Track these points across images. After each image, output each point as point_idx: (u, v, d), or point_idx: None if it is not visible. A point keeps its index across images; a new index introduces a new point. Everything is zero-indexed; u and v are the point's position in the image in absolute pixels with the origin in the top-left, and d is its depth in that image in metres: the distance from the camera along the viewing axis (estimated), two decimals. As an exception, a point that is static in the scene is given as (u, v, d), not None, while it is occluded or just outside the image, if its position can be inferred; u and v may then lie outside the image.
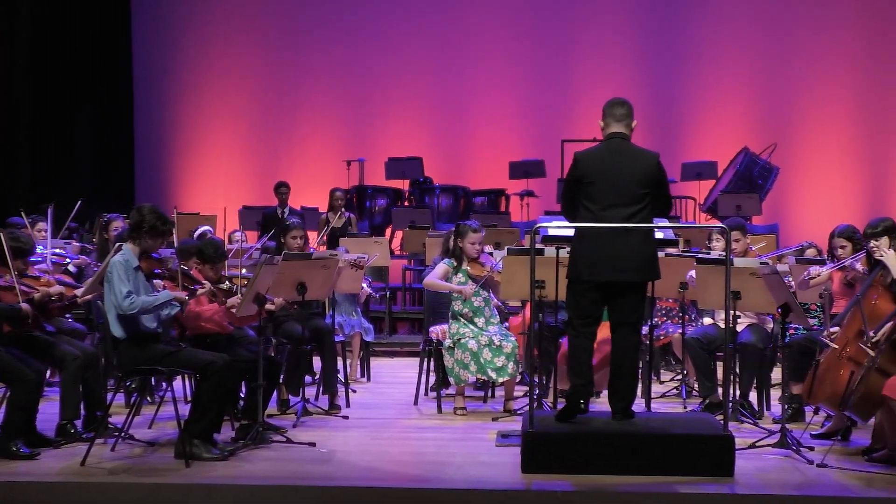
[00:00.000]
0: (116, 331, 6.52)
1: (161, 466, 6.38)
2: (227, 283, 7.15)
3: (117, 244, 6.99)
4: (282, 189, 13.65)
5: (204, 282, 6.97)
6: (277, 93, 16.22)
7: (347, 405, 8.38)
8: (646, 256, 6.43)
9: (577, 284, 6.50)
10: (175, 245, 8.09)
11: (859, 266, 7.29)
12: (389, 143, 15.54)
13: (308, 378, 8.78)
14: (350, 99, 16.15)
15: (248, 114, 16.29)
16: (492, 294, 8.28)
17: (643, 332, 8.38)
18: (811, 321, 7.93)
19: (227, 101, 16.28)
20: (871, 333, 6.44)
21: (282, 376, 7.78)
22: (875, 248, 6.91)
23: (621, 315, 6.48)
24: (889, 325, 6.46)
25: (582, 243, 6.45)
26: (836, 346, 6.78)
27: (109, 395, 7.12)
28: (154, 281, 6.70)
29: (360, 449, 6.99)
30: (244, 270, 7.80)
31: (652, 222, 6.52)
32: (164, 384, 8.09)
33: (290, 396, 8.13)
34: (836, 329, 6.97)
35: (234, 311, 7.06)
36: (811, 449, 6.75)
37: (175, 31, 16.33)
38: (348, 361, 9.51)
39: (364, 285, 9.40)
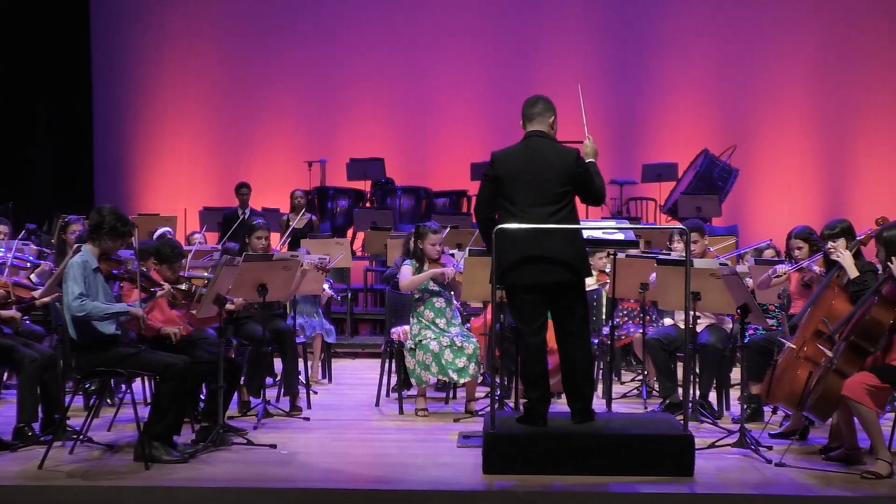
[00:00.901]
0: (74, 333, 6.46)
1: (120, 469, 6.33)
2: (185, 283, 7.10)
3: (76, 245, 6.92)
4: (243, 190, 13.60)
5: (163, 283, 6.91)
6: (239, 93, 16.15)
7: (309, 407, 8.36)
8: (572, 255, 6.34)
9: (509, 289, 6.44)
10: (134, 246, 8.03)
11: (816, 268, 7.36)
12: (351, 144, 15.53)
13: (269, 380, 8.75)
14: (312, 100, 16.11)
15: (209, 114, 16.21)
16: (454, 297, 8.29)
17: (604, 333, 8.45)
18: (769, 321, 8.00)
19: (188, 101, 16.19)
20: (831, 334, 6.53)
21: (242, 378, 7.74)
22: (832, 249, 6.98)
23: (562, 317, 6.43)
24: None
25: (506, 245, 6.33)
26: (795, 346, 6.84)
27: (68, 398, 7.06)
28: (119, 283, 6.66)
29: (321, 450, 6.97)
30: (205, 272, 7.75)
31: (576, 220, 6.44)
32: (123, 386, 8.03)
33: (250, 398, 8.10)
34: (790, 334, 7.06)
35: (193, 312, 7.02)
36: (770, 448, 6.80)
37: (135, 29, 16.22)
38: (309, 363, 9.48)
39: (325, 287, 9.38)
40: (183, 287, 7.06)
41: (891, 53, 15.65)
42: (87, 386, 7.75)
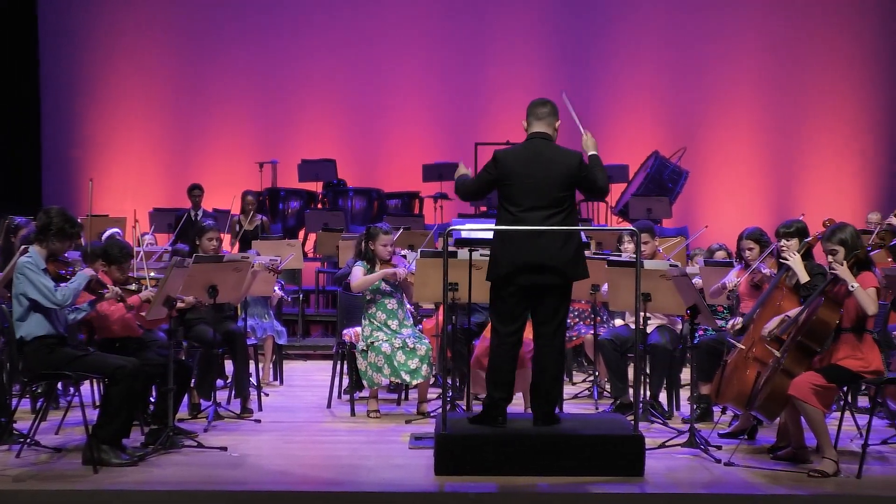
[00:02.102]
0: (23, 332, 6.38)
1: (68, 473, 6.26)
2: (134, 284, 7.04)
3: (23, 247, 6.84)
4: (195, 191, 13.52)
5: (111, 285, 6.84)
6: (189, 93, 16.03)
7: (260, 409, 8.32)
8: (568, 258, 6.39)
9: (500, 287, 6.46)
10: (83, 248, 7.95)
11: (766, 269, 7.44)
12: (302, 145, 15.47)
13: (220, 382, 8.70)
14: (263, 100, 16.03)
15: (159, 114, 16.08)
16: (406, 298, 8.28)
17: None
18: (719, 322, 8.07)
19: (137, 101, 16.05)
20: (767, 327, 6.63)
21: (193, 380, 7.69)
22: (784, 249, 7.06)
23: (544, 318, 6.46)
24: (779, 318, 6.64)
25: (503, 245, 6.41)
26: (743, 347, 6.91)
27: (14, 401, 6.98)
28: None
29: (272, 453, 6.94)
30: (153, 273, 7.69)
31: (574, 224, 6.50)
32: (71, 389, 7.95)
33: (201, 400, 8.04)
34: (738, 320, 7.14)
35: (143, 314, 6.96)
36: (719, 448, 6.86)
37: (83, 28, 16.05)
38: (261, 365, 9.42)
39: (276, 288, 9.34)
40: (132, 288, 7.00)
41: (836, 56, 15.86)
42: (34, 388, 7.65)
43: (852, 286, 6.26)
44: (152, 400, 7.26)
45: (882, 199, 15.28)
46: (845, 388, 6.91)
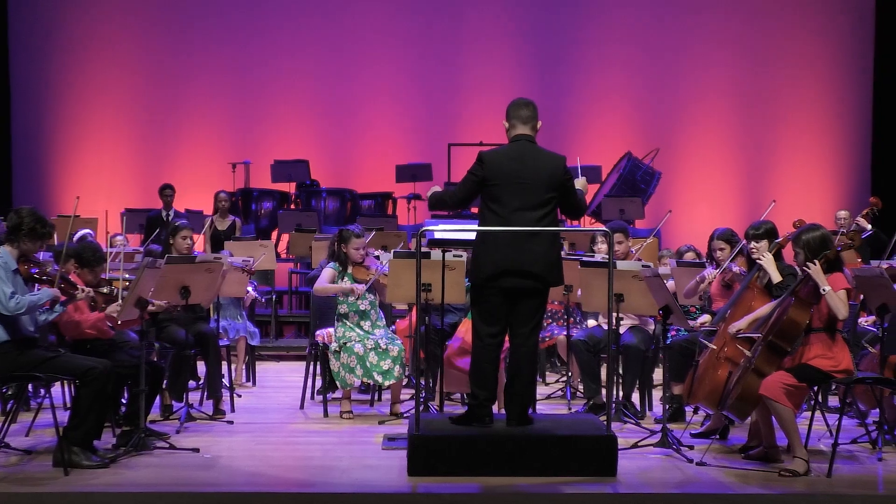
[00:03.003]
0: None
1: (39, 475, 6.21)
2: (106, 286, 7.00)
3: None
4: (167, 192, 13.47)
5: (83, 286, 6.81)
6: (161, 92, 15.95)
7: (232, 410, 8.30)
8: (550, 261, 6.42)
9: (482, 288, 6.45)
10: (55, 248, 7.91)
11: (736, 268, 7.48)
12: (275, 146, 15.43)
13: (192, 383, 8.66)
14: (236, 101, 15.98)
15: (132, 113, 15.99)
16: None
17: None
18: (691, 323, 8.11)
19: (109, 101, 15.96)
20: (735, 325, 6.67)
21: (165, 381, 7.66)
22: (755, 250, 7.10)
23: (522, 319, 6.46)
24: (748, 318, 6.70)
25: (486, 246, 6.40)
26: (715, 347, 6.95)
27: (-16, 403, 6.94)
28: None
29: (244, 454, 6.92)
30: (126, 274, 7.65)
31: (557, 226, 6.52)
32: (42, 391, 7.90)
33: (173, 402, 8.01)
34: (706, 317, 7.18)
35: (115, 315, 6.92)
36: (691, 448, 6.89)
37: (55, 27, 15.94)
38: (233, 366, 9.40)
39: (249, 289, 9.31)
40: (104, 290, 6.96)
41: (806, 58, 15.96)
42: (3, 390, 7.61)
43: (824, 289, 6.30)
44: (124, 401, 7.21)
45: (850, 198, 15.42)
46: (816, 388, 6.97)
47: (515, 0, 16.15)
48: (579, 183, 6.66)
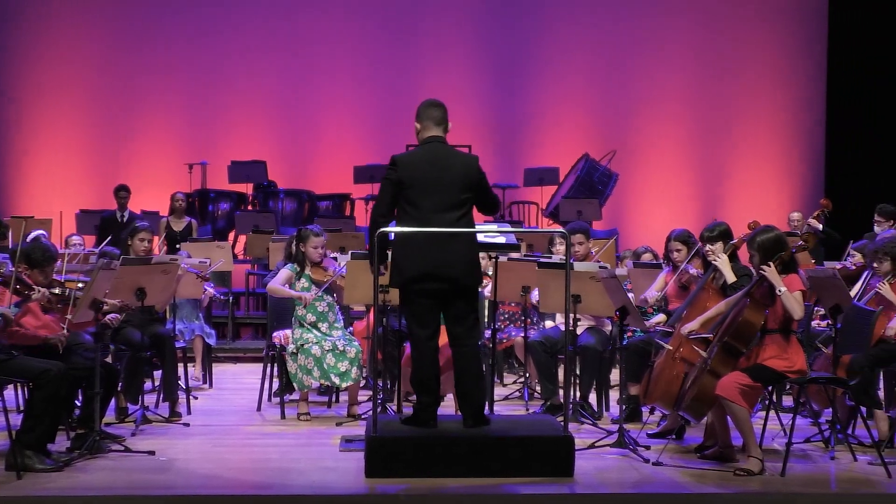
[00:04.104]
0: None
1: (-9, 479, 6.16)
2: (59, 287, 6.92)
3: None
4: (121, 193, 13.36)
5: (38, 288, 6.73)
6: (117, 91, 15.81)
7: (189, 412, 8.24)
8: (470, 261, 6.43)
9: (407, 292, 6.45)
10: (9, 249, 7.82)
11: (693, 269, 7.53)
12: (232, 147, 15.35)
13: (148, 385, 8.60)
14: (192, 101, 15.87)
15: (86, 114, 15.84)
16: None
17: (486, 336, 8.51)
18: (647, 323, 8.15)
19: (63, 100, 15.80)
20: (688, 327, 6.73)
21: (120, 383, 7.60)
22: (710, 252, 7.16)
23: (456, 321, 6.47)
24: (700, 319, 6.76)
25: (405, 249, 6.38)
26: (671, 348, 7.00)
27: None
28: None
29: (201, 457, 6.87)
30: (81, 276, 7.58)
31: (473, 226, 6.52)
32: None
33: (128, 404, 7.95)
34: (661, 317, 7.23)
35: (68, 317, 6.85)
36: (647, 448, 6.93)
37: (8, 25, 15.77)
38: (191, 366, 9.33)
39: (207, 287, 9.23)
40: (57, 291, 6.88)
41: (761, 63, 16.11)
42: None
43: (780, 290, 6.36)
44: (78, 404, 7.15)
45: (803, 199, 15.59)
46: (770, 388, 7.03)
47: (473, 4, 16.18)
48: None
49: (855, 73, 15.41)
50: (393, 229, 6.41)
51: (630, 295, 7.68)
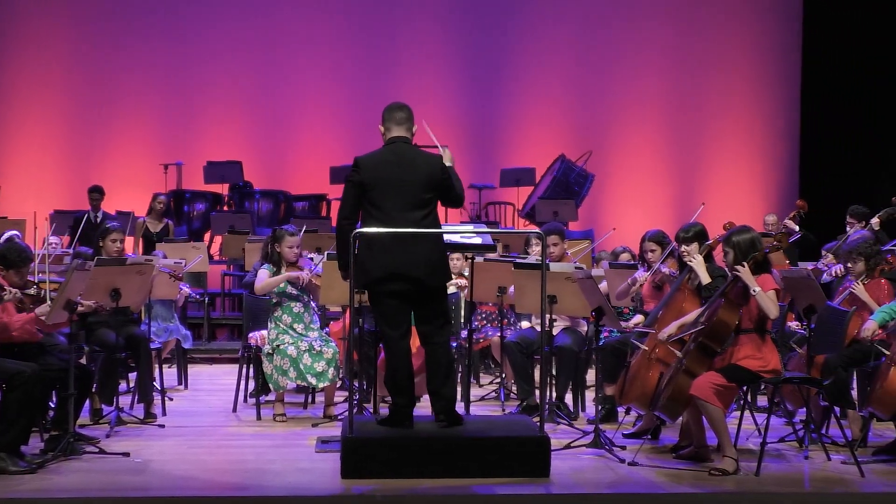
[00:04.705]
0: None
1: (-36, 481, 6.12)
2: (34, 288, 6.89)
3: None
4: (95, 194, 13.29)
5: (10, 288, 6.69)
6: (91, 91, 15.71)
7: (164, 413, 8.21)
8: (436, 260, 6.44)
9: (374, 293, 6.45)
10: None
11: (666, 269, 7.56)
12: (208, 147, 15.29)
13: (123, 386, 8.56)
14: (167, 101, 15.79)
15: (60, 114, 15.74)
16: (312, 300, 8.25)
17: (462, 336, 8.52)
18: (624, 324, 8.18)
19: (38, 100, 15.69)
20: (665, 331, 6.74)
21: (94, 385, 7.56)
22: (685, 253, 7.18)
23: (426, 321, 6.48)
24: (677, 323, 6.76)
25: (371, 250, 6.38)
26: (647, 348, 7.02)
27: None
28: None
29: (176, 458, 6.85)
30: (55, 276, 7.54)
31: (438, 226, 6.54)
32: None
33: (103, 406, 7.92)
34: (639, 318, 7.26)
35: (43, 318, 6.81)
36: (623, 448, 6.95)
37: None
38: (166, 368, 9.29)
39: (182, 286, 9.19)
40: (31, 292, 6.85)
41: (737, 65, 16.19)
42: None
43: (754, 290, 6.39)
44: (52, 406, 7.11)
45: (779, 201, 15.67)
46: (745, 388, 7.06)
47: (450, 5, 16.18)
48: (446, 157, 6.59)
49: (830, 76, 15.49)
50: (370, 230, 6.41)
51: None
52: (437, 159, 6.52)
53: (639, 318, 7.95)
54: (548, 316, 7.36)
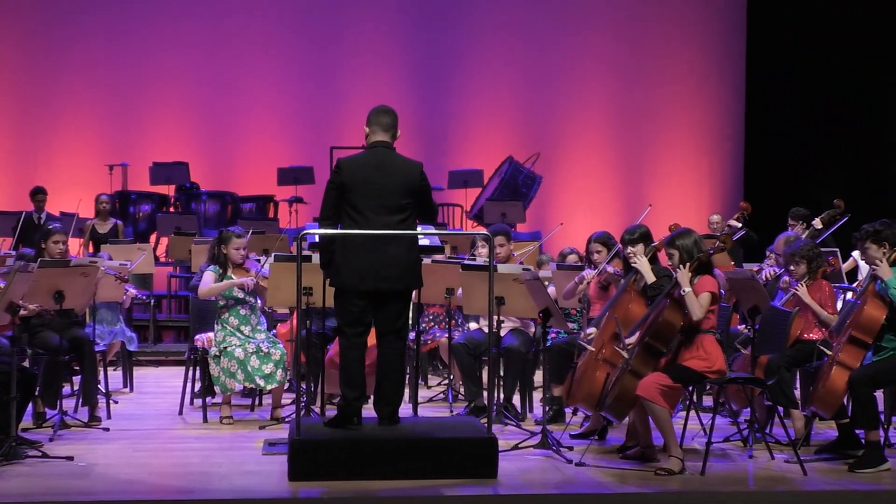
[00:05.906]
0: None
1: None
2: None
3: None
4: (38, 196, 13.13)
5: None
6: (34, 91, 15.53)
7: (108, 417, 8.13)
8: (408, 264, 6.51)
9: (344, 293, 6.52)
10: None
11: (610, 268, 7.61)
12: (154, 148, 15.16)
13: (66, 389, 8.46)
14: (113, 100, 15.64)
15: (2, 113, 15.54)
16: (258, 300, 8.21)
17: (410, 338, 8.52)
18: (570, 325, 8.22)
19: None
20: (626, 337, 6.75)
21: (37, 388, 7.47)
22: (631, 255, 7.23)
23: (386, 322, 6.54)
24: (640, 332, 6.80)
25: (346, 251, 6.45)
26: (593, 349, 7.06)
27: None
28: None
29: (121, 461, 6.78)
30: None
31: (415, 230, 6.60)
32: None
33: (46, 409, 7.81)
34: (592, 330, 7.29)
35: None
36: (570, 448, 6.99)
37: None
38: (110, 370, 9.19)
39: (129, 288, 9.10)
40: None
41: (683, 68, 16.35)
42: None
43: (683, 290, 6.47)
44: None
45: (723, 202, 15.85)
46: (690, 388, 7.13)
47: (397, 7, 16.18)
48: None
49: (773, 79, 15.68)
50: (318, 231, 6.42)
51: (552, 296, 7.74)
52: (417, 166, 6.59)
53: (593, 330, 7.98)
54: (495, 317, 7.38)
